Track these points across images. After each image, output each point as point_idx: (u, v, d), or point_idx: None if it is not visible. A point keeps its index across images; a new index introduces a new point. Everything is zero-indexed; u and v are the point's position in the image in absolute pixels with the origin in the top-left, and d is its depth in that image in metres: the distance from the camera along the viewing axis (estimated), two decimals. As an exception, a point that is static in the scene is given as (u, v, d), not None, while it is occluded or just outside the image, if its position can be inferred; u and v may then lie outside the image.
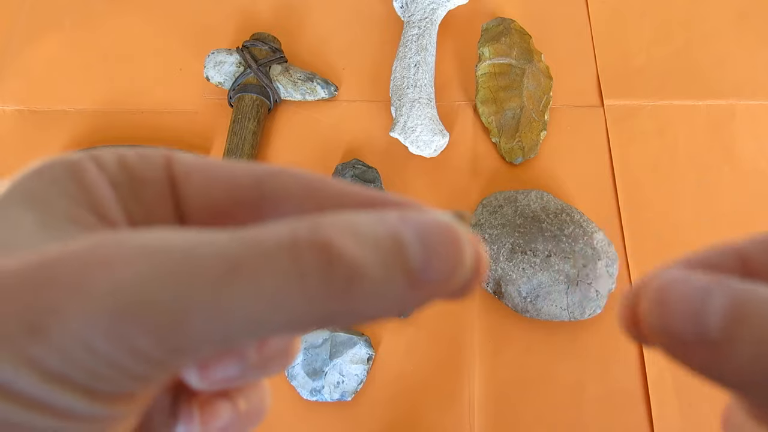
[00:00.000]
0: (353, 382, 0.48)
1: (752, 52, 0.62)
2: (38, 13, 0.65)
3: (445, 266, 0.12)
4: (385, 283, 0.12)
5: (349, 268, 0.12)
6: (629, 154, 0.57)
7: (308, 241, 0.12)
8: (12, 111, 0.60)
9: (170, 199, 0.15)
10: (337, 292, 0.12)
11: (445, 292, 0.13)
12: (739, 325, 0.12)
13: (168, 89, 0.61)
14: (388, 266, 0.12)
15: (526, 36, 0.59)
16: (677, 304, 0.12)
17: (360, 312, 0.12)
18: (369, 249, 0.12)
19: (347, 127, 0.59)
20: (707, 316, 0.12)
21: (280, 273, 0.11)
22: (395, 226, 0.12)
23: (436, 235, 0.13)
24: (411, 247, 0.12)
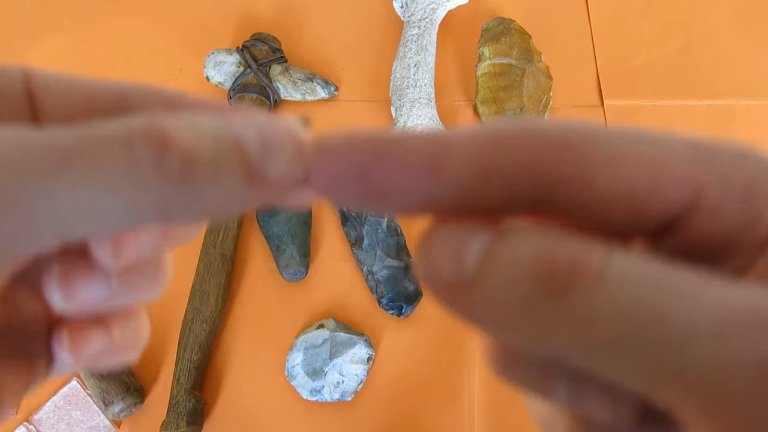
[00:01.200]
0: (353, 382, 0.48)
1: (752, 52, 0.62)
2: (38, 13, 0.65)
3: (282, 161, 0.13)
4: (223, 171, 0.12)
5: (183, 155, 0.12)
6: (629, 154, 0.57)
7: (142, 131, 0.12)
8: (12, 111, 0.60)
9: (28, 112, 0.15)
10: (172, 177, 0.12)
11: (285, 190, 0.13)
12: (491, 262, 0.12)
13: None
14: (226, 156, 0.13)
15: (526, 36, 0.59)
16: (440, 251, 0.12)
17: (200, 201, 0.13)
18: (207, 140, 0.12)
19: (347, 127, 0.58)
20: (466, 258, 0.12)
21: (112, 161, 0.12)
22: (236, 124, 0.13)
23: (275, 133, 0.13)
24: (250, 143, 0.13)
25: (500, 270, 0.12)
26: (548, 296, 0.11)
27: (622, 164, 0.12)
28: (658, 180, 0.12)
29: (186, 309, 0.50)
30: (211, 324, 0.49)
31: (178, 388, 0.47)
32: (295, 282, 0.52)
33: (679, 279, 0.11)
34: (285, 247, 0.51)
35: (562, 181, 0.12)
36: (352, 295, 0.52)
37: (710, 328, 0.10)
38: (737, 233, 0.12)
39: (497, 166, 0.12)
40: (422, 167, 0.12)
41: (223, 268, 0.50)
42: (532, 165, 0.12)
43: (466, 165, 0.12)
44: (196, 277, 0.50)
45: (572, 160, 0.12)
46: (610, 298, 0.11)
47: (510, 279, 0.11)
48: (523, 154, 0.12)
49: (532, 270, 0.11)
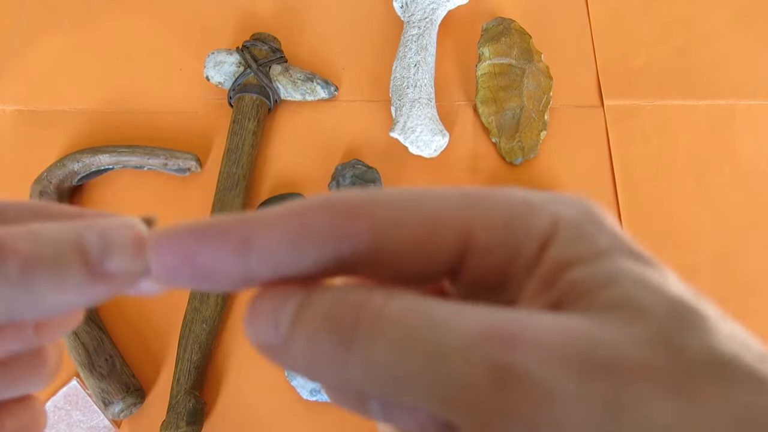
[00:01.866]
0: (353, 382, 0.48)
1: (752, 52, 0.62)
2: (38, 13, 0.65)
3: (122, 256, 0.15)
4: (63, 271, 0.14)
5: (21, 260, 0.14)
6: (629, 154, 0.57)
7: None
8: (12, 111, 0.60)
9: None
10: (15, 281, 0.14)
11: (129, 282, 0.15)
12: (298, 321, 0.13)
13: (168, 89, 0.61)
14: (65, 257, 0.14)
15: (526, 36, 0.59)
16: (260, 316, 0.14)
17: (44, 300, 0.14)
18: (46, 245, 0.14)
19: (347, 127, 0.59)
20: (281, 320, 0.13)
21: None
22: (79, 228, 0.15)
23: (114, 232, 0.15)
24: (91, 243, 0.14)
25: (303, 328, 0.13)
26: (340, 343, 0.12)
27: (404, 223, 0.14)
28: (434, 230, 0.14)
29: (186, 309, 0.50)
30: (211, 324, 0.49)
31: (178, 388, 0.47)
32: (295, 282, 0.52)
33: (439, 310, 0.12)
34: (285, 247, 0.51)
35: (357, 244, 0.13)
36: (352, 295, 0.52)
37: (458, 346, 0.11)
38: (506, 265, 0.14)
39: (298, 238, 0.13)
40: (234, 246, 0.13)
41: (223, 268, 0.50)
42: (329, 234, 0.13)
43: (270, 240, 0.13)
44: (196, 277, 0.50)
45: (363, 225, 0.13)
46: (387, 335, 0.12)
47: (310, 334, 0.13)
48: (319, 225, 0.13)
49: (325, 322, 0.13)
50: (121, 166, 0.55)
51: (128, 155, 0.54)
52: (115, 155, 0.54)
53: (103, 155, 0.54)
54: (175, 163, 0.55)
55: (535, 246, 0.14)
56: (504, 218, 0.14)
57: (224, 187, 0.53)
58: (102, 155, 0.54)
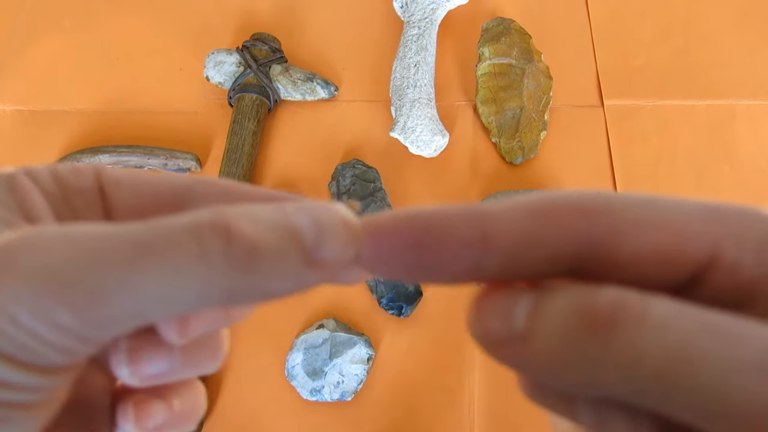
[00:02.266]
0: (353, 382, 0.48)
1: (752, 52, 0.62)
2: (38, 13, 0.65)
3: (335, 244, 0.14)
4: (283, 258, 0.14)
5: (247, 246, 0.13)
6: (629, 154, 0.57)
7: (209, 223, 0.13)
8: (12, 111, 0.60)
9: (100, 206, 0.17)
10: (238, 266, 0.13)
11: (339, 270, 0.15)
12: (538, 316, 0.13)
13: (168, 89, 0.61)
14: (284, 244, 0.14)
15: (526, 36, 0.59)
16: (490, 309, 0.13)
17: (262, 286, 0.14)
18: (265, 230, 0.14)
19: (347, 127, 0.59)
20: (515, 315, 0.13)
21: (184, 252, 0.13)
22: (291, 212, 0.14)
23: (327, 219, 0.14)
24: (305, 230, 0.14)
25: (547, 321, 0.13)
26: (594, 339, 0.12)
27: (648, 226, 0.13)
28: (680, 240, 0.13)
29: (186, 309, 0.50)
30: (211, 324, 0.49)
31: (178, 388, 0.47)
32: (295, 282, 0.52)
33: (717, 319, 0.11)
34: (285, 247, 0.51)
35: (596, 243, 0.13)
36: (352, 295, 0.52)
37: (754, 363, 0.10)
38: (752, 286, 0.13)
39: (538, 234, 0.13)
40: (472, 239, 0.13)
41: (223, 268, 0.50)
42: (569, 231, 0.13)
43: (511, 235, 0.13)
44: (196, 277, 0.50)
45: (604, 224, 0.13)
46: (654, 337, 0.11)
47: (557, 327, 0.12)
48: (560, 221, 0.13)
49: (576, 316, 0.12)
50: (121, 166, 0.55)
51: (128, 155, 0.54)
52: (115, 155, 0.54)
53: (103, 155, 0.54)
54: (175, 163, 0.55)
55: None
56: (756, 239, 0.13)
57: (224, 187, 0.53)
58: (102, 155, 0.54)
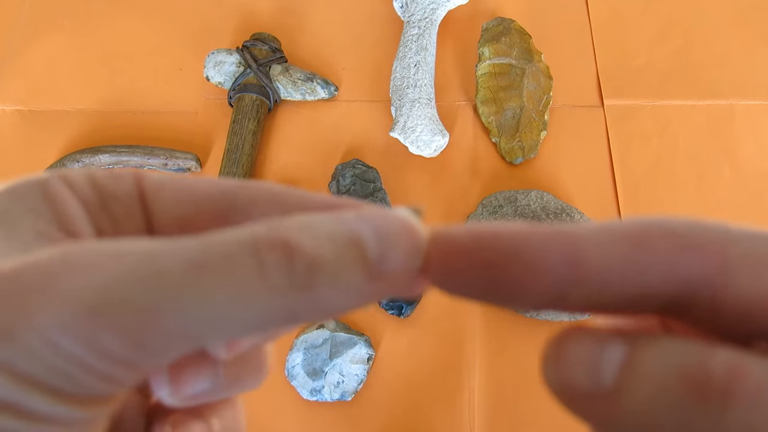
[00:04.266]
0: (353, 382, 0.48)
1: (752, 52, 0.62)
2: (38, 13, 0.65)
3: (400, 255, 0.13)
4: (345, 274, 0.13)
5: (308, 262, 0.12)
6: (629, 154, 0.57)
7: (267, 239, 0.12)
8: (12, 111, 0.60)
9: (141, 214, 0.16)
10: (300, 285, 0.12)
11: (403, 282, 0.13)
12: (630, 374, 0.11)
13: (168, 89, 0.61)
14: (346, 258, 0.13)
15: (526, 36, 0.59)
16: (575, 359, 0.12)
17: (324, 304, 0.13)
18: (326, 244, 0.13)
19: (347, 127, 0.59)
20: (603, 367, 0.12)
21: (243, 271, 0.12)
22: (352, 222, 0.13)
23: (390, 228, 0.13)
24: (367, 240, 0.13)
25: (645, 379, 0.11)
26: (703, 409, 0.11)
27: (762, 266, 0.11)
28: None
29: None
30: (211, 324, 0.49)
31: (178, 388, 0.47)
32: (295, 282, 0.52)
33: None
34: (285, 247, 0.51)
35: (701, 281, 0.11)
36: (352, 295, 0.52)
37: None
38: None
39: (636, 266, 0.12)
40: (561, 263, 0.12)
41: (223, 268, 0.50)
42: (672, 266, 0.12)
43: (605, 263, 0.12)
44: (196, 277, 0.50)
45: (714, 260, 0.11)
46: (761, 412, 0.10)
47: (657, 388, 0.11)
48: (663, 253, 0.12)
49: (682, 379, 0.11)
50: (121, 166, 0.55)
51: (128, 155, 0.54)
52: (115, 155, 0.54)
53: (103, 155, 0.54)
54: (175, 163, 0.55)
55: None
56: None
57: (224, 187, 0.53)
58: (102, 155, 0.54)
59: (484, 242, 0.13)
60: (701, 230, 0.12)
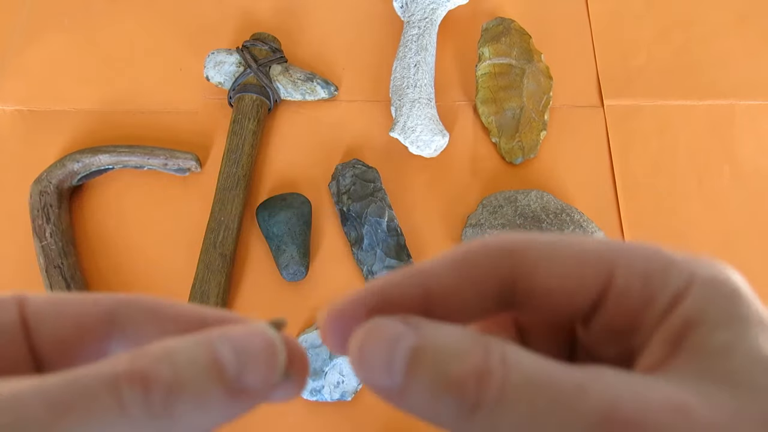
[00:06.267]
0: (353, 382, 0.48)
1: (752, 52, 0.62)
2: (38, 13, 0.65)
3: (258, 372, 0.14)
4: (204, 395, 0.14)
5: (164, 390, 0.13)
6: (629, 154, 0.57)
7: (126, 373, 0.13)
8: (12, 111, 0.60)
9: (24, 342, 0.16)
10: (159, 414, 0.13)
11: (266, 394, 0.15)
12: (414, 370, 0.14)
13: (168, 89, 0.61)
14: (204, 380, 0.14)
15: (526, 36, 0.59)
16: (372, 358, 0.14)
17: (186, 425, 0.14)
18: (184, 369, 0.14)
19: (347, 127, 0.59)
20: (395, 366, 0.14)
21: (104, 407, 0.13)
22: (212, 342, 0.14)
23: (250, 345, 0.14)
24: (226, 359, 0.14)
25: (421, 382, 0.14)
26: (462, 409, 0.13)
27: (555, 259, 0.15)
28: (580, 268, 0.15)
29: (186, 309, 0.49)
30: (211, 324, 0.49)
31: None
32: (295, 282, 0.52)
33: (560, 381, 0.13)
34: (285, 247, 0.51)
35: (511, 279, 0.15)
36: (352, 295, 0.52)
37: (582, 427, 0.12)
38: (638, 312, 0.15)
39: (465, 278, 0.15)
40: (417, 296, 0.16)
41: (223, 268, 0.50)
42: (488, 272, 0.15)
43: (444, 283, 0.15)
44: (196, 277, 0.50)
45: (516, 262, 0.15)
46: (512, 410, 0.13)
47: (429, 391, 0.14)
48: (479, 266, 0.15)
49: (445, 383, 0.13)
50: (121, 166, 0.55)
51: (128, 155, 0.54)
52: (115, 155, 0.54)
53: (103, 155, 0.54)
54: (175, 163, 0.55)
55: (668, 298, 0.15)
56: (644, 267, 0.15)
57: (224, 187, 0.53)
58: (102, 155, 0.54)
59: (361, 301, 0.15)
60: (507, 239, 0.16)
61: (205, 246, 0.51)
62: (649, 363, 0.15)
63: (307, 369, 0.16)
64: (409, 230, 0.54)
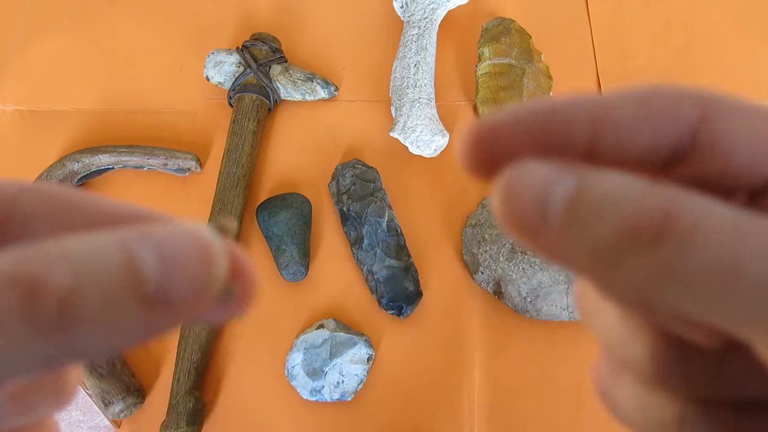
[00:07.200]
0: (353, 382, 0.48)
1: (752, 52, 0.62)
2: (38, 13, 0.65)
3: (187, 281, 0.12)
4: (112, 307, 0.11)
5: (58, 300, 0.11)
6: (629, 154, 0.57)
7: (7, 274, 0.11)
8: (12, 111, 0.60)
9: None
10: (48, 329, 0.11)
11: (197, 311, 0.12)
12: (575, 212, 0.12)
13: (168, 89, 0.61)
14: (115, 288, 0.11)
15: (526, 36, 0.59)
16: (524, 193, 0.12)
17: (89, 343, 0.11)
18: (87, 274, 0.11)
19: (347, 127, 0.59)
20: (552, 203, 0.12)
21: None
22: (130, 241, 0.11)
23: (178, 247, 0.12)
24: (146, 264, 0.11)
25: (588, 217, 0.12)
26: (636, 246, 0.11)
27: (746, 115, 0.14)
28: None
29: (186, 309, 0.49)
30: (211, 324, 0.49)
31: (178, 388, 0.47)
32: (295, 282, 0.52)
33: (755, 229, 0.11)
34: (285, 247, 0.51)
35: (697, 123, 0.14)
36: (352, 295, 0.52)
37: None
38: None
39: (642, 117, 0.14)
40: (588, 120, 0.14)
41: (223, 268, 0.50)
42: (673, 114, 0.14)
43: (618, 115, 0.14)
44: (196, 277, 0.50)
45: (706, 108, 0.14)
46: (700, 252, 0.11)
47: (597, 233, 0.12)
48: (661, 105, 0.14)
49: (621, 225, 0.12)
50: (121, 166, 0.55)
51: (128, 155, 0.54)
52: (115, 155, 0.54)
53: (103, 155, 0.54)
54: (175, 163, 0.55)
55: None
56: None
57: (224, 187, 0.53)
58: (102, 155, 0.54)
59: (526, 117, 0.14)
60: (694, 90, 0.14)
61: (205, 246, 0.51)
62: None
63: (253, 285, 0.13)
64: (409, 230, 0.54)
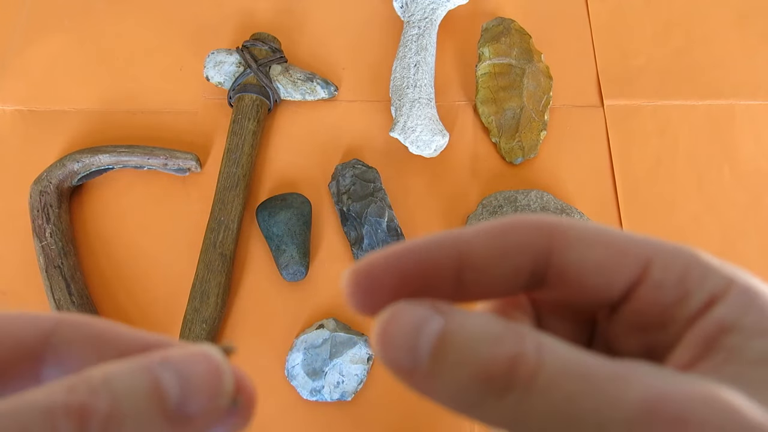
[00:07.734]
0: (353, 382, 0.48)
1: (752, 52, 0.62)
2: (38, 13, 0.65)
3: (202, 397, 0.14)
4: (145, 425, 0.13)
5: (103, 422, 0.13)
6: (629, 154, 0.57)
7: (62, 405, 0.12)
8: (12, 111, 0.60)
9: None
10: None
11: (212, 423, 0.14)
12: (441, 356, 0.13)
13: (168, 89, 0.61)
14: (145, 409, 0.13)
15: (526, 36, 0.59)
16: (396, 338, 0.14)
17: None
18: (124, 398, 0.13)
19: (347, 127, 0.59)
20: (419, 349, 0.13)
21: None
22: (153, 367, 0.14)
23: (194, 371, 0.14)
24: (168, 385, 0.13)
25: (449, 366, 0.13)
26: (491, 393, 0.13)
27: (592, 241, 0.15)
28: (618, 255, 0.15)
29: (186, 309, 0.50)
30: (211, 324, 0.49)
31: (178, 388, 0.47)
32: (295, 282, 0.52)
33: (597, 372, 0.13)
34: (285, 247, 0.51)
35: (548, 255, 0.15)
36: (352, 295, 0.52)
37: (621, 418, 0.12)
38: (671, 307, 0.15)
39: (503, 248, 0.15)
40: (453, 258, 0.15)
41: (223, 268, 0.50)
42: (527, 245, 0.15)
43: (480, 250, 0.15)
44: (196, 277, 0.50)
45: (556, 238, 0.15)
46: (542, 397, 0.12)
47: (457, 375, 0.13)
48: (520, 237, 0.15)
49: (474, 366, 0.13)
50: (121, 166, 0.55)
51: (128, 155, 0.54)
52: (115, 155, 0.54)
53: (103, 155, 0.54)
54: (175, 163, 0.55)
55: (704, 298, 0.14)
56: (682, 264, 0.15)
57: (224, 187, 0.53)
58: (102, 155, 0.54)
59: (395, 259, 0.15)
60: (549, 221, 0.15)
61: (205, 246, 0.51)
62: (679, 361, 0.14)
63: (254, 398, 0.15)
64: (409, 230, 0.54)
